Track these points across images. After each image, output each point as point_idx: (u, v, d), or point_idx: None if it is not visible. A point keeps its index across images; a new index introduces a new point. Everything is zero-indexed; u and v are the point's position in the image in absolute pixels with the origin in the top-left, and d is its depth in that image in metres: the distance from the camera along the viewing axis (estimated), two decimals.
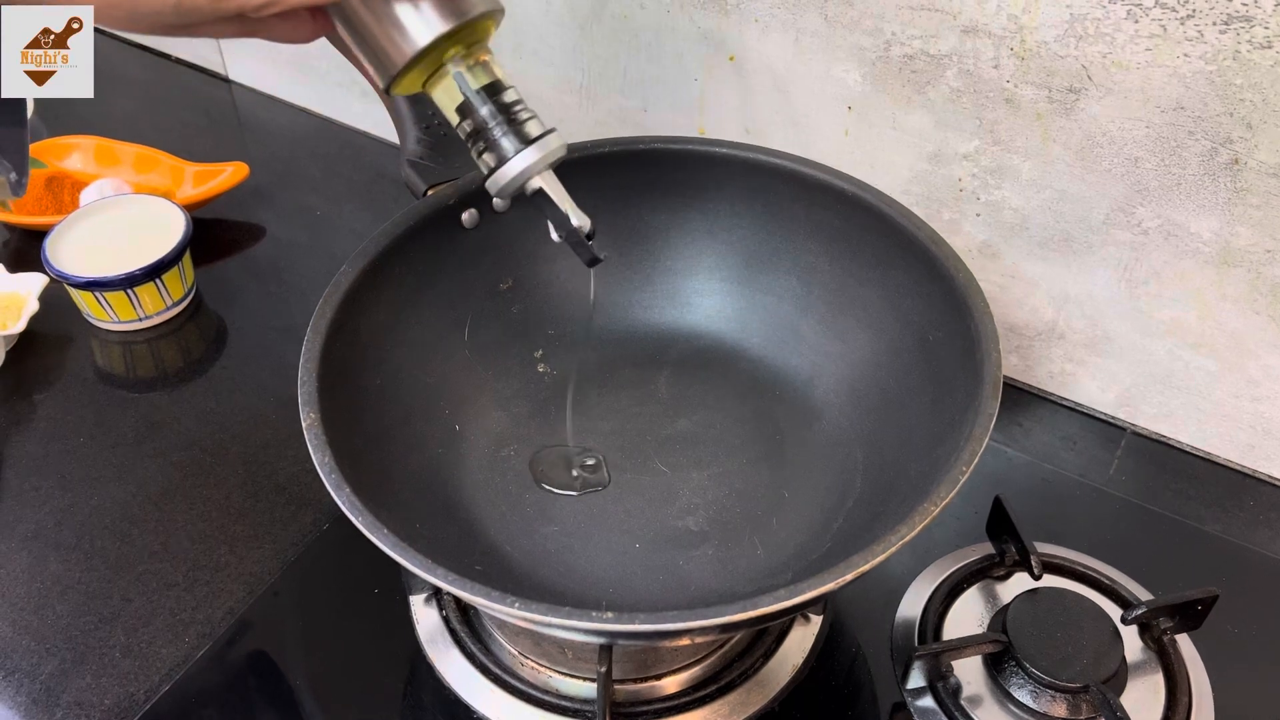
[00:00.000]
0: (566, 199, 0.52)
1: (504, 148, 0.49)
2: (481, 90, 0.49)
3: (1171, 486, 0.73)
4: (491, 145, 0.49)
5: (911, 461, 0.57)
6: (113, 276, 0.80)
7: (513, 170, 0.49)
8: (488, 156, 0.50)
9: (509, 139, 0.49)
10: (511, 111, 0.49)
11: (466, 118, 0.49)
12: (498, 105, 0.49)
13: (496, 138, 0.49)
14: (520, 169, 0.49)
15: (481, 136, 0.50)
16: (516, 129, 0.49)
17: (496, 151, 0.49)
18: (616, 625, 0.44)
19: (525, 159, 0.49)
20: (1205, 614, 0.60)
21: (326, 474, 0.50)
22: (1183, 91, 0.61)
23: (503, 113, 0.49)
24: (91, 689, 0.61)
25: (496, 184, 0.50)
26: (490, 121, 0.49)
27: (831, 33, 0.71)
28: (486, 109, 0.49)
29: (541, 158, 0.49)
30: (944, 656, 0.59)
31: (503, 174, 0.50)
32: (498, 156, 0.49)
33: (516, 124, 0.49)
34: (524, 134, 0.49)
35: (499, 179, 0.50)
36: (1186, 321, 0.70)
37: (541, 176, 0.50)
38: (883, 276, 0.65)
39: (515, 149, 0.49)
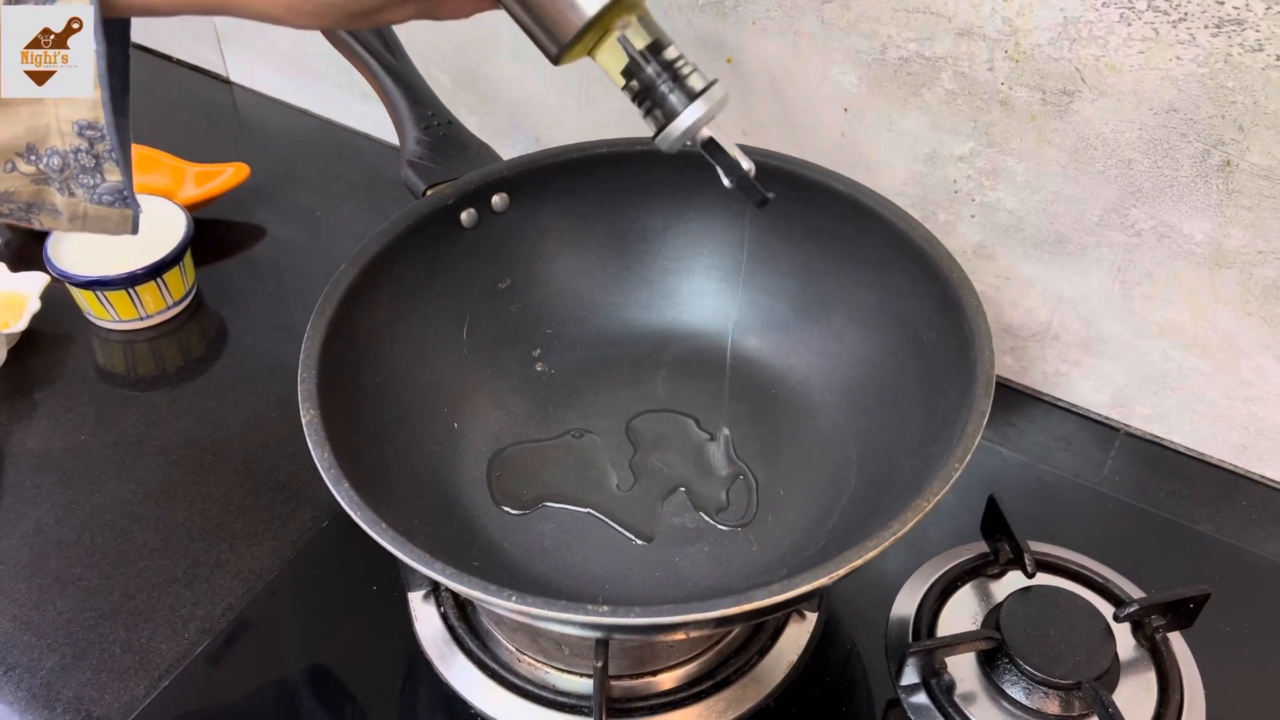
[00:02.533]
0: (734, 146, 0.53)
1: (673, 103, 0.50)
2: (646, 49, 0.50)
3: (1165, 486, 0.74)
4: (659, 102, 0.51)
5: (905, 459, 0.58)
6: (114, 276, 0.81)
7: (683, 124, 0.50)
8: (657, 113, 0.51)
9: (676, 94, 0.50)
10: (674, 67, 0.50)
11: (633, 78, 0.51)
12: (661, 63, 0.50)
13: (664, 94, 0.50)
14: (690, 122, 0.50)
15: (649, 95, 0.51)
16: (681, 84, 0.50)
17: (665, 107, 0.51)
18: (612, 619, 0.44)
19: (694, 112, 0.50)
20: (1197, 612, 0.61)
21: (326, 470, 0.50)
22: (1175, 94, 0.62)
23: (667, 70, 0.50)
24: (91, 685, 0.62)
25: (668, 139, 0.51)
26: (657, 80, 0.50)
27: (828, 35, 0.71)
28: (652, 68, 0.50)
29: (708, 110, 0.50)
30: (938, 653, 0.60)
31: (674, 128, 0.51)
32: (666, 112, 0.51)
33: (680, 79, 0.50)
34: (689, 88, 0.50)
35: (670, 133, 0.51)
36: (1179, 322, 0.70)
37: (710, 126, 0.51)
38: (878, 277, 0.65)
39: (683, 104, 0.50)
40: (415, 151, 0.67)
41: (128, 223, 0.52)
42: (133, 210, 0.51)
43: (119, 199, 0.50)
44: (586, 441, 0.68)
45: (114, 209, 0.51)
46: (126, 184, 0.50)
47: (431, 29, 0.82)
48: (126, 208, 0.51)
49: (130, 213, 0.51)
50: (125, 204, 0.51)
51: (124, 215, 0.52)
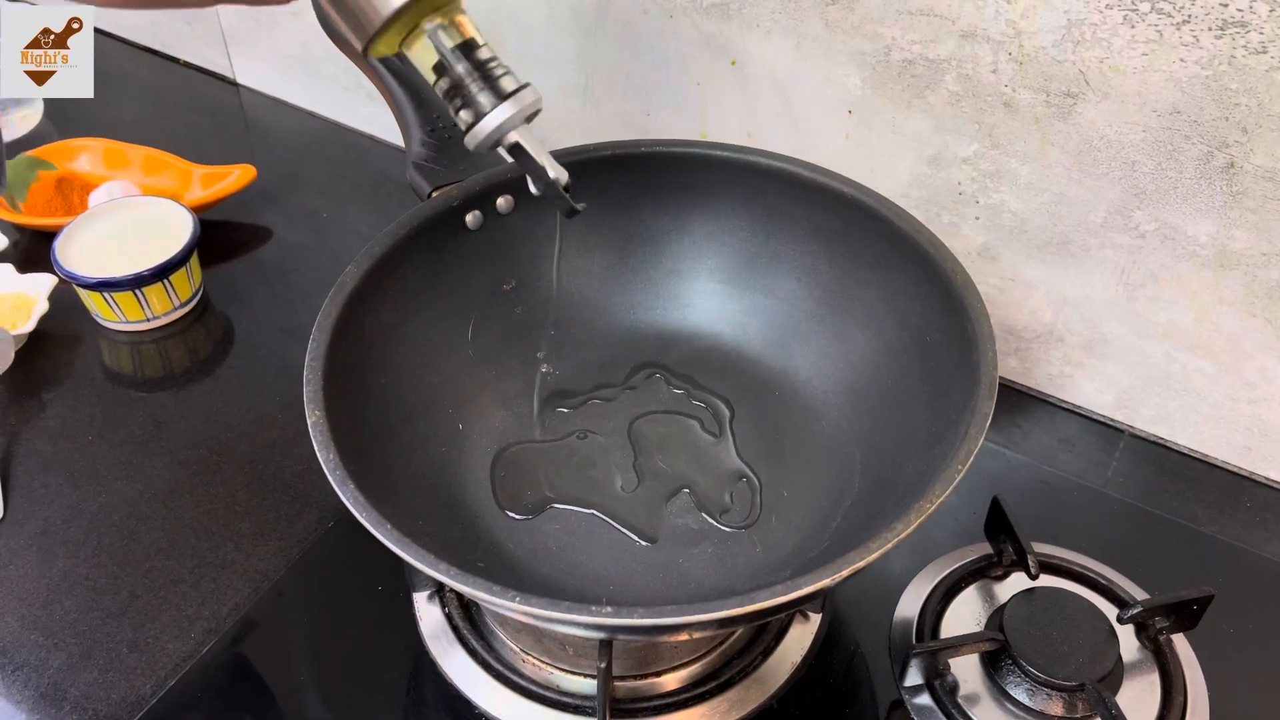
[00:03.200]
0: (543, 152, 0.52)
1: (480, 103, 0.50)
2: (457, 48, 0.49)
3: (1169, 488, 0.74)
4: (469, 101, 0.50)
5: (909, 461, 0.58)
6: (121, 277, 0.81)
7: (490, 125, 0.50)
8: (465, 113, 0.51)
9: (485, 94, 0.50)
10: (487, 68, 0.50)
11: (443, 76, 0.50)
12: (473, 62, 0.50)
13: (473, 94, 0.50)
14: (497, 123, 0.50)
15: (459, 93, 0.50)
16: (492, 84, 0.50)
17: (474, 107, 0.50)
18: (616, 619, 0.45)
19: (502, 113, 0.50)
20: (1201, 614, 0.61)
21: (331, 471, 0.51)
22: (1179, 96, 0.62)
23: (478, 69, 0.50)
24: (98, 684, 0.62)
25: (475, 138, 0.51)
26: (467, 78, 0.50)
27: (832, 38, 0.72)
28: (462, 66, 0.50)
29: (517, 111, 0.50)
30: (941, 655, 0.60)
31: (480, 129, 0.50)
32: (475, 112, 0.50)
33: (492, 80, 0.50)
34: (499, 89, 0.50)
35: (477, 133, 0.51)
36: (1184, 324, 0.70)
37: (518, 131, 0.51)
38: (882, 278, 0.65)
39: (492, 104, 0.50)
40: (420, 154, 0.67)
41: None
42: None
43: None
44: (590, 443, 0.68)
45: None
46: None
47: None
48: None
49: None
50: None
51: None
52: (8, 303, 0.83)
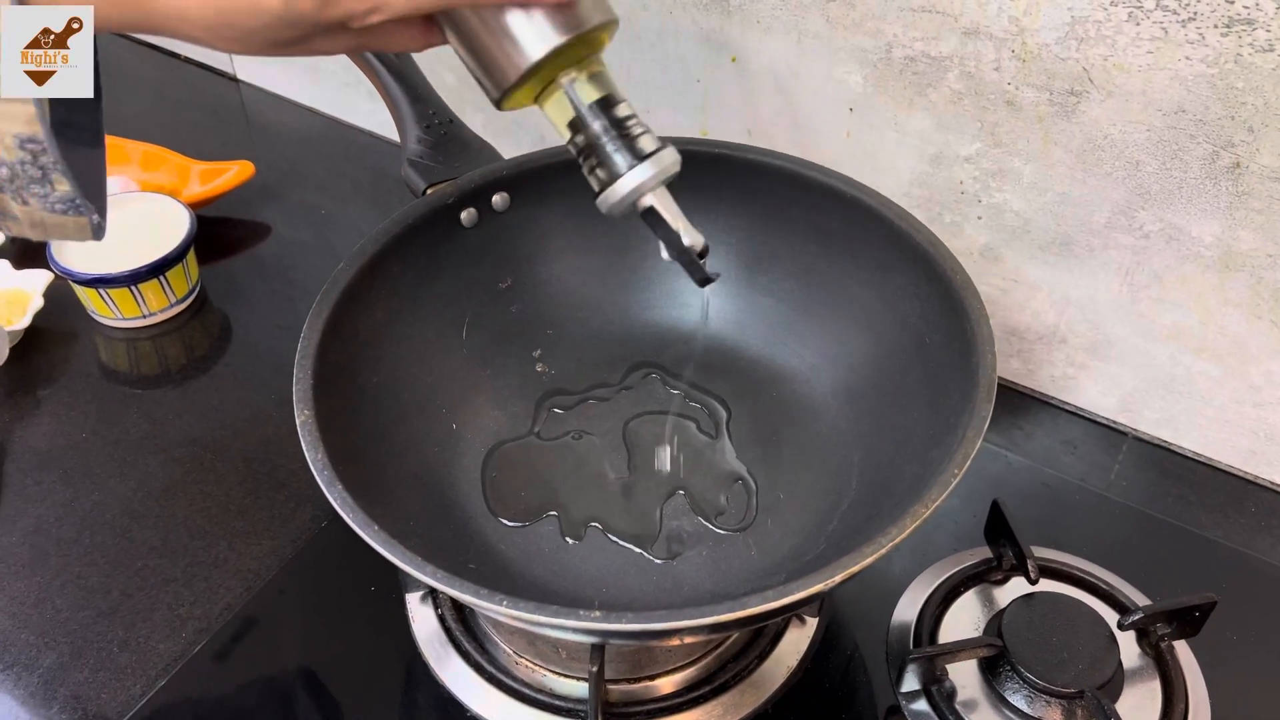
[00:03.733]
0: (680, 217, 0.49)
1: (616, 164, 0.47)
2: (595, 104, 0.47)
3: (1172, 492, 0.73)
4: (604, 161, 0.47)
5: (907, 464, 0.57)
6: (117, 274, 0.81)
7: (625, 187, 0.47)
8: (600, 172, 0.48)
9: (621, 154, 0.47)
10: (625, 126, 0.47)
11: (578, 133, 0.47)
12: (610, 120, 0.47)
13: (609, 153, 0.47)
14: (632, 186, 0.47)
15: (593, 152, 0.47)
16: (629, 144, 0.47)
17: (609, 167, 0.47)
18: (604, 624, 0.44)
19: (638, 175, 0.47)
20: (1203, 620, 0.60)
21: (319, 471, 0.50)
22: (1184, 95, 0.61)
23: (615, 127, 0.47)
24: (89, 683, 0.62)
25: (607, 201, 0.48)
26: (603, 137, 0.47)
27: (833, 35, 0.71)
28: (599, 124, 0.47)
29: (655, 174, 0.47)
30: (939, 660, 0.59)
31: (614, 191, 0.47)
32: (609, 172, 0.47)
33: (629, 139, 0.47)
34: (637, 149, 0.47)
35: (610, 196, 0.47)
36: (1188, 326, 0.69)
37: (654, 194, 0.48)
38: (881, 278, 0.64)
39: (628, 165, 0.47)
40: (416, 150, 0.66)
41: (87, 230, 0.51)
42: (88, 217, 0.50)
43: (72, 207, 0.49)
44: (585, 443, 0.68)
45: (69, 217, 0.50)
46: (77, 193, 0.49)
47: None
48: (81, 215, 0.50)
49: (86, 220, 0.50)
50: (79, 212, 0.50)
51: (80, 223, 0.50)
52: (3, 298, 0.83)
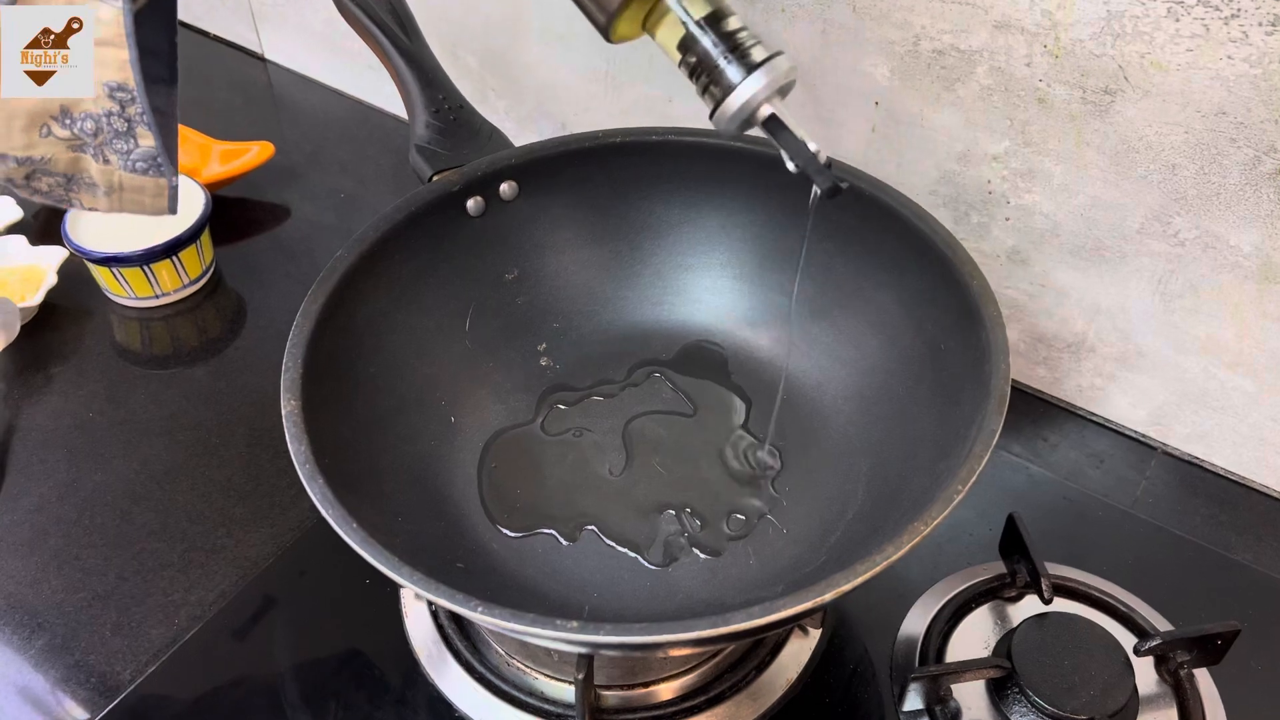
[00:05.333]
0: (801, 126, 0.48)
1: (729, 76, 0.46)
2: (703, 19, 0.46)
3: (1201, 511, 0.70)
4: (716, 76, 0.46)
5: (915, 475, 0.55)
6: (129, 253, 0.80)
7: (739, 99, 0.46)
8: (714, 89, 0.47)
9: (734, 67, 0.46)
10: (735, 39, 0.46)
11: (689, 53, 0.47)
12: (719, 34, 0.46)
13: (721, 67, 0.46)
14: (747, 96, 0.46)
15: (705, 69, 0.46)
16: (741, 56, 0.46)
17: (722, 82, 0.46)
18: (581, 635, 0.42)
19: (751, 85, 0.46)
20: (1226, 649, 0.57)
21: (301, 464, 0.49)
22: (1225, 96, 0.58)
23: (725, 40, 0.46)
24: (79, 666, 0.61)
25: (724, 116, 0.47)
26: (713, 51, 0.46)
27: (860, 25, 0.68)
28: (709, 39, 0.46)
29: (769, 82, 0.46)
30: (944, 680, 0.57)
31: (729, 104, 0.46)
32: (724, 87, 0.46)
33: (741, 50, 0.46)
34: (750, 60, 0.46)
35: (725, 110, 0.47)
36: (1224, 339, 0.66)
37: (771, 102, 0.47)
38: (898, 280, 0.62)
39: (740, 76, 0.46)
40: (424, 136, 0.65)
41: (163, 195, 0.52)
42: (168, 180, 0.51)
43: (153, 165, 0.50)
44: (586, 441, 0.66)
45: (148, 177, 0.50)
46: (160, 150, 0.50)
47: (460, 7, 0.80)
48: (161, 175, 0.51)
49: (165, 182, 0.51)
50: (159, 172, 0.50)
51: (159, 185, 0.51)
52: (18, 275, 0.83)
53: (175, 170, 0.51)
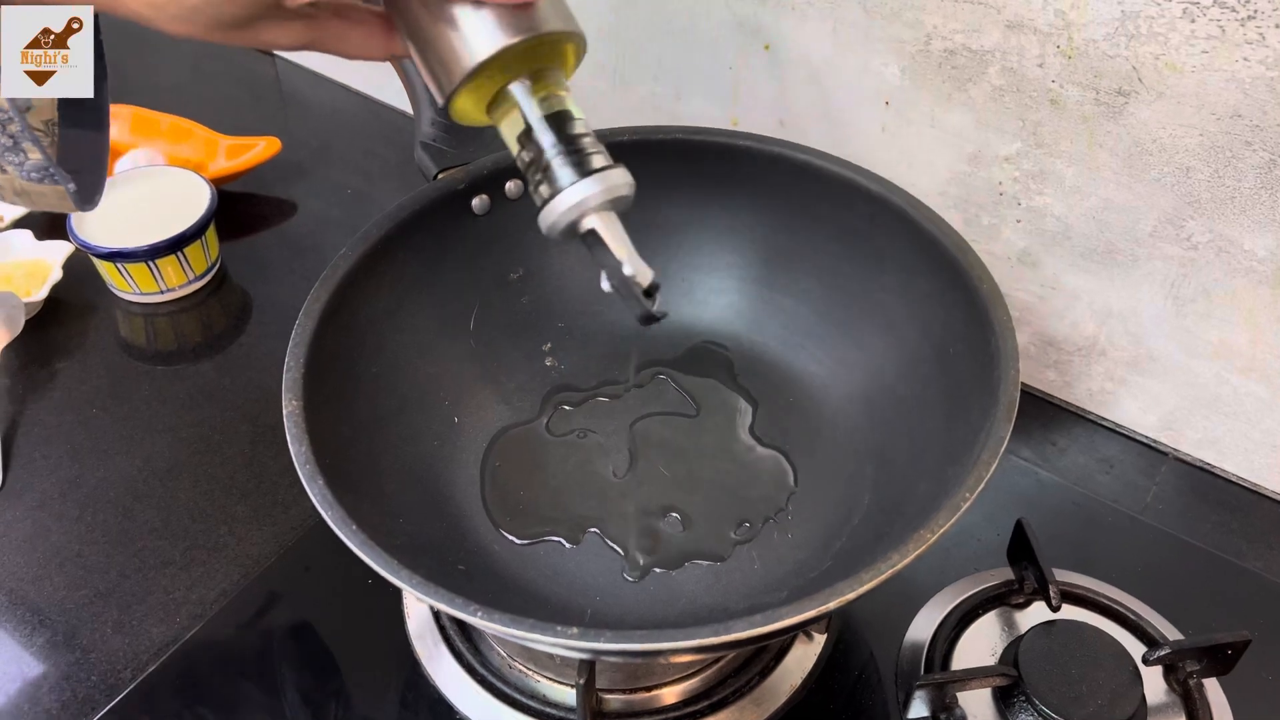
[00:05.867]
0: (625, 244, 0.46)
1: (560, 179, 0.43)
2: (547, 118, 0.44)
3: (1212, 518, 0.69)
4: (548, 176, 0.44)
5: (921, 481, 0.54)
6: (134, 248, 0.80)
7: (566, 202, 0.43)
8: (543, 188, 0.44)
9: (567, 170, 0.43)
10: (577, 143, 0.44)
11: (525, 148, 0.44)
12: (561, 135, 0.44)
13: (554, 168, 0.44)
14: (574, 201, 0.43)
15: (539, 166, 0.44)
16: (578, 160, 0.44)
17: (552, 182, 0.44)
18: (581, 642, 0.42)
19: (581, 190, 0.43)
20: (1236, 659, 0.56)
21: (301, 465, 0.49)
22: (1240, 98, 0.57)
23: (565, 143, 0.44)
24: (80, 664, 0.61)
25: (548, 218, 0.44)
26: (550, 150, 0.44)
27: (870, 24, 0.67)
28: (548, 137, 0.44)
29: (600, 191, 0.43)
30: (949, 687, 0.56)
31: (555, 206, 0.44)
32: (552, 187, 0.44)
33: (580, 155, 0.44)
34: (586, 166, 0.44)
35: (551, 212, 0.44)
36: (1237, 344, 0.65)
37: (598, 215, 0.44)
38: (906, 283, 0.61)
39: (571, 180, 0.43)
40: (429, 133, 0.64)
41: (66, 199, 0.51)
42: (64, 186, 0.50)
43: (46, 175, 0.49)
44: (591, 442, 0.65)
45: (47, 185, 0.50)
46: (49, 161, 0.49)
47: None
48: (57, 184, 0.50)
49: (63, 189, 0.50)
50: (54, 180, 0.50)
51: (58, 192, 0.50)
52: (24, 269, 0.83)
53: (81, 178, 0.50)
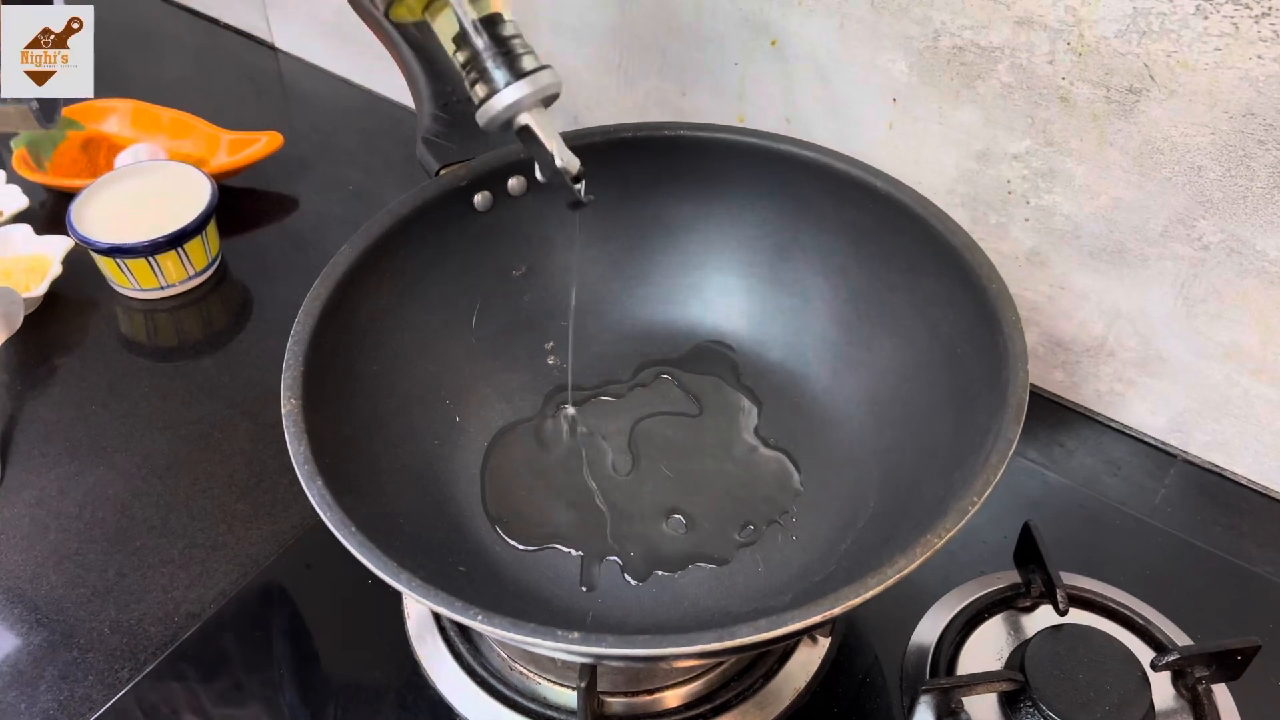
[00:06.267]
0: (554, 137, 0.51)
1: (495, 79, 0.49)
2: (481, 21, 0.48)
3: (1221, 521, 0.68)
4: (484, 76, 0.49)
5: (928, 483, 0.53)
6: (134, 244, 0.79)
7: (501, 102, 0.49)
8: (479, 88, 0.50)
9: (501, 71, 0.49)
10: (508, 44, 0.49)
11: (462, 48, 0.49)
12: (494, 37, 0.49)
13: (489, 69, 0.49)
14: (509, 101, 0.49)
15: (474, 67, 0.49)
16: (510, 62, 0.49)
17: (488, 83, 0.49)
18: (584, 646, 0.41)
19: (515, 91, 0.49)
20: (1245, 665, 0.56)
21: (300, 465, 0.48)
22: (1254, 96, 0.56)
23: (498, 45, 0.49)
24: (77, 663, 0.61)
25: (485, 115, 0.50)
26: (485, 53, 0.49)
27: (878, 20, 0.67)
28: (482, 40, 0.49)
29: (532, 92, 0.49)
30: (955, 692, 0.56)
31: (491, 105, 0.49)
32: (488, 88, 0.49)
33: (511, 56, 0.49)
34: (517, 67, 0.49)
35: (487, 110, 0.50)
36: (1247, 345, 0.64)
37: (531, 113, 0.50)
38: (913, 282, 0.61)
39: (506, 81, 0.49)
40: (432, 129, 0.64)
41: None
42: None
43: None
44: (594, 442, 0.65)
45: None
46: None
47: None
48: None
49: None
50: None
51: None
52: (24, 264, 0.82)
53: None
